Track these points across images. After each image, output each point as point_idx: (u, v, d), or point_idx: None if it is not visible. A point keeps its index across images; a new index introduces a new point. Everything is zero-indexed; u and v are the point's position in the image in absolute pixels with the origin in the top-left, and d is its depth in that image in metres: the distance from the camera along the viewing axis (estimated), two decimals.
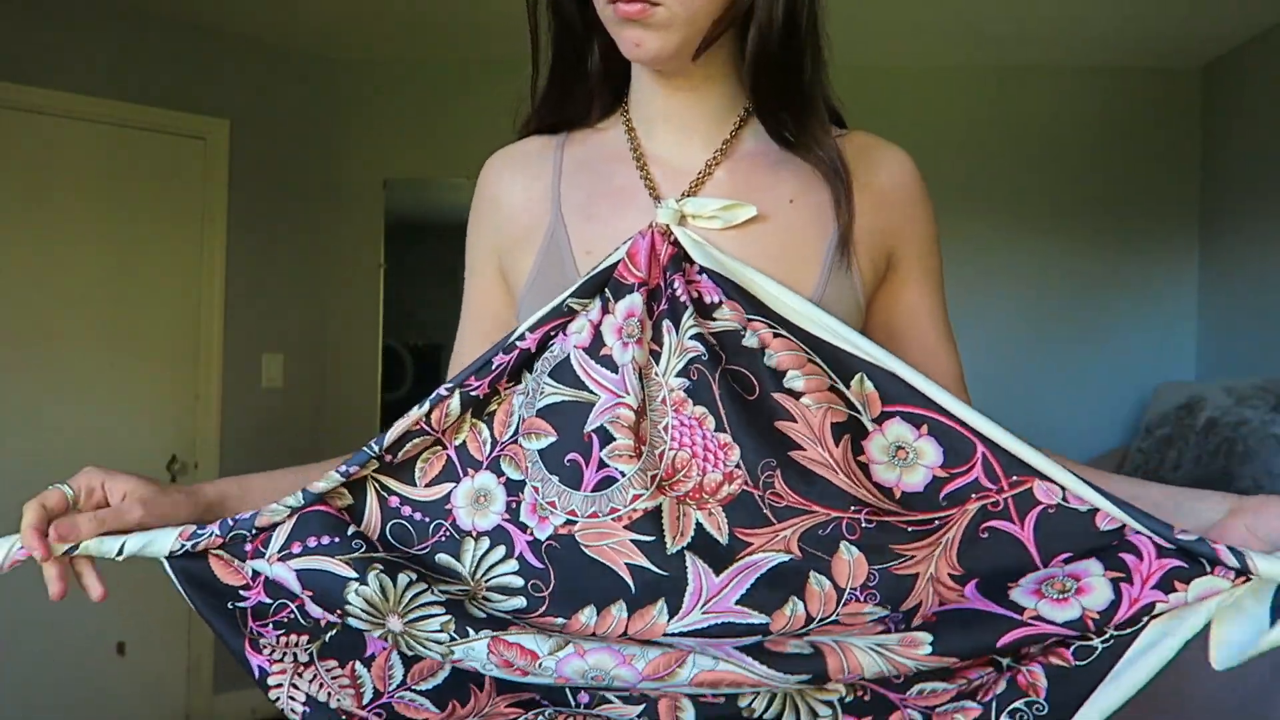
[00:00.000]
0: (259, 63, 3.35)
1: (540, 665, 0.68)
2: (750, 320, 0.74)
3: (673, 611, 0.71)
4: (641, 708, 0.73)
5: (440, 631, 0.71)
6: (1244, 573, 0.64)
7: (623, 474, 0.72)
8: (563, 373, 0.75)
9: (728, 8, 0.74)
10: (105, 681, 3.00)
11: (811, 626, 0.70)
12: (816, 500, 0.71)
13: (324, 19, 3.16)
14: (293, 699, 0.77)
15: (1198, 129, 3.45)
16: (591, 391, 0.73)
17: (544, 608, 0.73)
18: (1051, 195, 3.46)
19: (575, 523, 0.72)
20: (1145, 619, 0.67)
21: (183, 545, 0.75)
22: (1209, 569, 0.65)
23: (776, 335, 0.74)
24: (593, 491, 0.72)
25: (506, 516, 0.76)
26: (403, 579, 0.72)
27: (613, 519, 0.72)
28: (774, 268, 0.77)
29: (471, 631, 0.70)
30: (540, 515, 0.74)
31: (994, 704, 0.71)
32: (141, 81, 3.07)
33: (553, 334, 0.76)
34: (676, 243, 0.76)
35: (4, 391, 2.82)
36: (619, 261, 0.75)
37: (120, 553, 0.74)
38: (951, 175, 3.33)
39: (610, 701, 0.74)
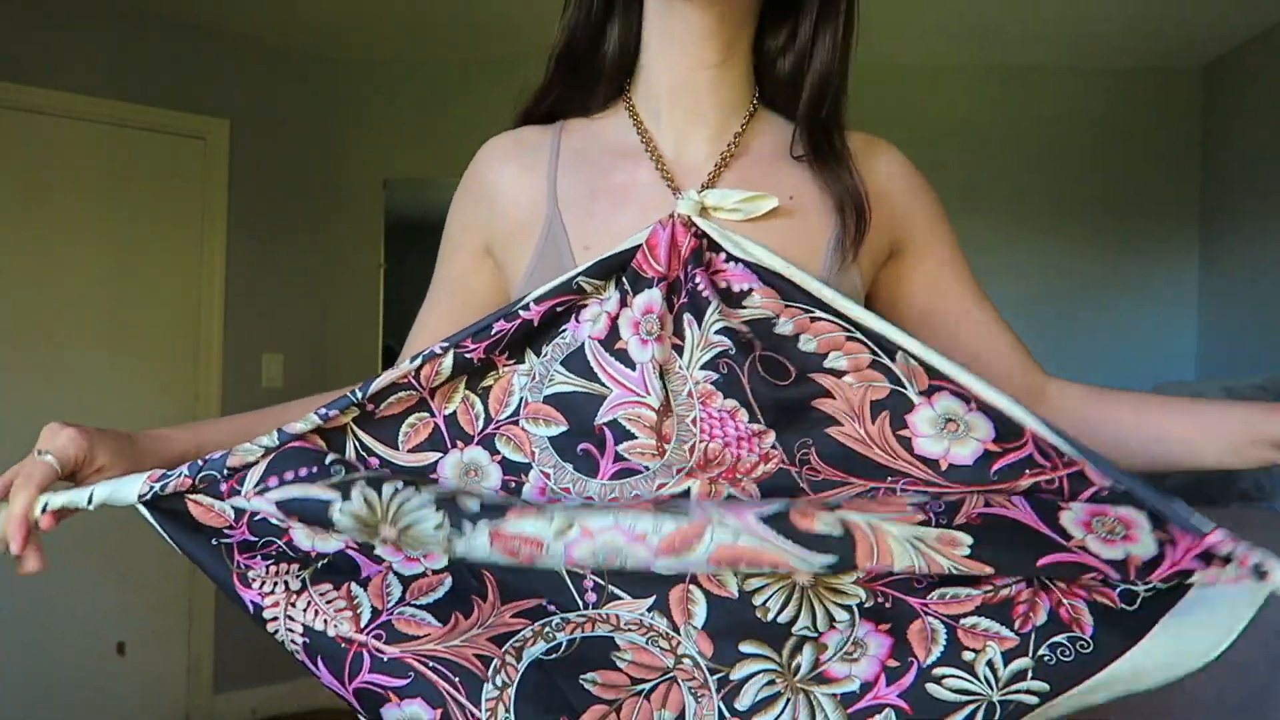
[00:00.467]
0: (259, 63, 3.35)
1: (548, 551, 0.65)
2: (787, 306, 0.73)
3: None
4: (652, 599, 0.71)
5: (436, 531, 0.68)
6: (1264, 574, 0.63)
7: (647, 469, 0.72)
8: (575, 362, 0.74)
9: None
10: (105, 681, 3.00)
11: (840, 501, 0.68)
12: (854, 473, 0.71)
13: (324, 19, 3.16)
14: (290, 630, 0.73)
15: (1198, 129, 3.44)
16: (603, 384, 0.73)
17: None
18: (1051, 195, 3.46)
19: (593, 504, 0.72)
20: (1185, 585, 0.66)
21: (151, 488, 0.72)
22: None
23: (815, 319, 0.73)
24: (611, 480, 0.72)
25: (504, 495, 0.75)
26: (388, 489, 0.70)
27: (633, 505, 0.71)
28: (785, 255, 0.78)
29: (469, 526, 0.67)
30: (551, 498, 0.74)
31: (1033, 635, 0.68)
32: (141, 81, 3.07)
33: (561, 312, 0.75)
34: (698, 234, 0.75)
35: (4, 391, 2.82)
36: (637, 249, 0.74)
37: (90, 501, 0.72)
38: (952, 175, 3.32)
39: (620, 597, 0.72)
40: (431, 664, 0.71)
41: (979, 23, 3.11)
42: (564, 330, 0.75)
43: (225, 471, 0.72)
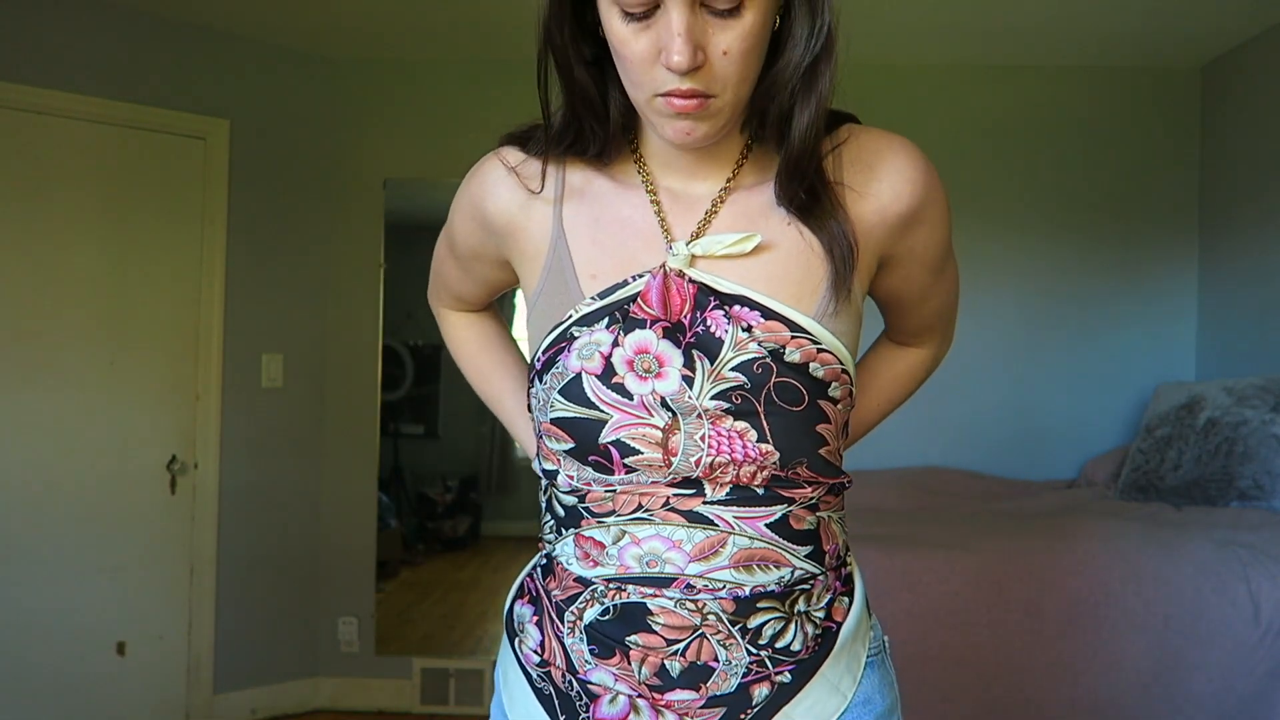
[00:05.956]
0: (259, 63, 3.35)
1: (606, 553, 0.82)
2: (794, 337, 0.79)
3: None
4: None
5: (550, 533, 0.89)
6: None
7: (659, 468, 0.80)
8: (572, 391, 0.81)
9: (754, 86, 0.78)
10: (105, 681, 3.00)
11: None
12: (828, 477, 0.84)
13: (324, 19, 3.16)
14: None
15: (1198, 129, 3.45)
16: (603, 411, 0.80)
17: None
18: (1051, 195, 3.46)
19: (615, 490, 0.82)
20: None
21: None
22: None
23: (820, 350, 0.80)
24: (626, 475, 0.81)
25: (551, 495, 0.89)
26: None
27: (652, 485, 0.81)
28: (780, 289, 0.80)
29: (563, 530, 0.86)
30: (577, 493, 0.84)
31: None
32: (141, 81, 3.07)
33: (558, 352, 0.83)
34: (693, 281, 0.80)
35: (3, 391, 2.82)
36: (633, 298, 0.80)
37: None
38: (950, 174, 3.30)
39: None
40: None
41: (979, 23, 3.11)
42: (558, 361, 0.82)
43: None
